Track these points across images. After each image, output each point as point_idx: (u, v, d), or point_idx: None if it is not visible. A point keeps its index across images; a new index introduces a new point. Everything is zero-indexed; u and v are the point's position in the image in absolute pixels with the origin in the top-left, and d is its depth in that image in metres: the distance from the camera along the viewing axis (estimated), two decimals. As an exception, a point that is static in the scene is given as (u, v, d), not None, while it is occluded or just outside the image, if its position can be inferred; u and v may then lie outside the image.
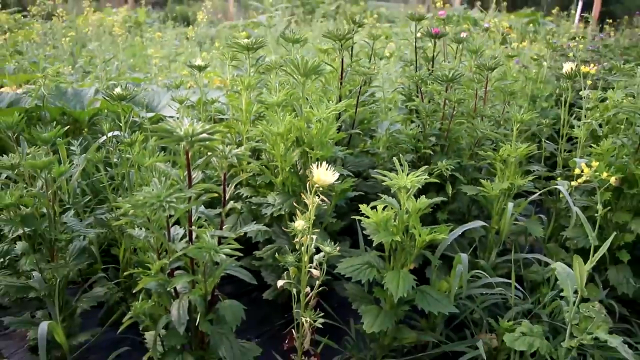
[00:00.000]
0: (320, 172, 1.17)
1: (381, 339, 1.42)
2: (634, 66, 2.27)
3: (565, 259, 1.76)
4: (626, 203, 1.72)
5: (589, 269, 1.18)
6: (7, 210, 1.30)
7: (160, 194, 1.00)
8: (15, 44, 3.94)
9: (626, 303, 1.69)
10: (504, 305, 1.62)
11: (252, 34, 5.87)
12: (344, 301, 1.50)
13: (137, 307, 1.19)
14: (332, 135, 1.51)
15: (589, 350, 1.39)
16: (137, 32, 7.15)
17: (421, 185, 1.25)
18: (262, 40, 1.68)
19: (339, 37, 1.77)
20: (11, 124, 1.33)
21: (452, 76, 1.74)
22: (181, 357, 1.20)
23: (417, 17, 2.10)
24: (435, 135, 1.86)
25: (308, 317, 1.27)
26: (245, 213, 1.65)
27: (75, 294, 1.51)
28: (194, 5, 12.28)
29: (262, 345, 1.36)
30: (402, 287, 1.25)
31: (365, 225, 1.33)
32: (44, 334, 1.25)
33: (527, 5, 10.28)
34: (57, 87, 2.60)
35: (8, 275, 1.40)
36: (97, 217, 1.63)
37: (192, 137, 1.02)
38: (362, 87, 1.82)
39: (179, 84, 2.07)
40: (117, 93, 1.53)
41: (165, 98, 2.68)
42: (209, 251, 1.06)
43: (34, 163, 1.28)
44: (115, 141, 1.68)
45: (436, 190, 1.80)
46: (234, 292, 1.82)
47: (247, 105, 1.68)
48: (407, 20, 2.26)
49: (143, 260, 1.23)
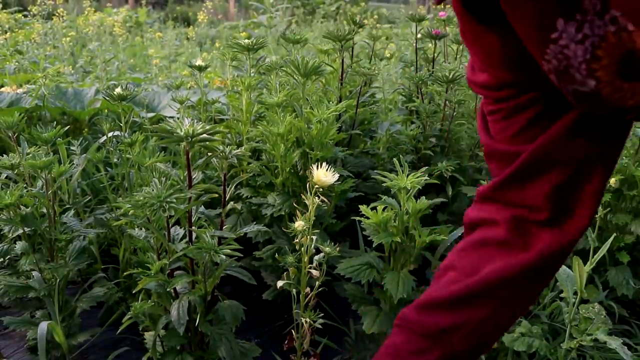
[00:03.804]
0: (320, 173, 1.17)
1: (381, 339, 1.42)
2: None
3: (565, 260, 1.76)
4: (626, 204, 1.72)
5: (589, 270, 1.18)
6: (7, 210, 1.30)
7: (160, 195, 1.01)
8: (16, 44, 3.94)
9: (626, 304, 1.69)
10: (503, 306, 1.62)
11: (252, 35, 5.88)
12: (343, 302, 1.50)
13: (137, 307, 1.19)
14: (332, 135, 1.51)
15: (588, 351, 1.39)
16: (137, 32, 7.16)
17: (421, 186, 1.25)
18: (263, 40, 1.68)
19: (339, 38, 1.77)
20: (11, 123, 1.33)
21: (452, 77, 1.74)
22: (181, 357, 1.20)
23: (418, 18, 2.10)
24: (436, 136, 1.86)
25: (308, 317, 1.27)
26: (245, 213, 1.65)
27: (75, 294, 1.51)
28: (194, 5, 12.29)
29: (262, 345, 1.36)
30: (402, 288, 1.25)
31: (365, 226, 1.33)
32: (44, 334, 1.25)
33: (527, 7, 10.27)
34: (57, 87, 2.60)
35: (8, 275, 1.40)
36: (97, 217, 1.63)
37: (193, 138, 1.02)
38: (363, 88, 1.82)
39: (179, 84, 2.07)
40: (117, 93, 1.53)
41: (166, 98, 2.67)
42: (209, 251, 1.06)
43: (34, 163, 1.28)
44: (116, 141, 1.68)
45: (436, 191, 1.80)
46: (234, 293, 1.81)
47: (248, 105, 1.68)
48: (407, 21, 2.26)
49: (143, 260, 1.23)
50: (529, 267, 0.75)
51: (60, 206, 1.43)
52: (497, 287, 0.75)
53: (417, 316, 0.79)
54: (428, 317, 0.78)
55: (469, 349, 0.77)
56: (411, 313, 0.80)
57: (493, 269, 0.75)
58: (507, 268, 0.75)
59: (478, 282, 0.76)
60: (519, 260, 0.75)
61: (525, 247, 0.75)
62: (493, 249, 0.77)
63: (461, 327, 0.76)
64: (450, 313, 0.76)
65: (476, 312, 0.76)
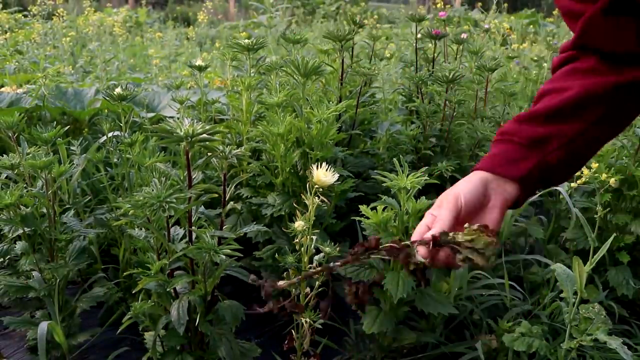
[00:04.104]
0: (320, 173, 1.17)
1: (381, 339, 1.42)
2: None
3: (565, 260, 1.76)
4: (626, 204, 1.72)
5: (589, 270, 1.18)
6: (7, 210, 1.30)
7: (160, 195, 1.01)
8: (16, 44, 3.94)
9: (626, 304, 1.69)
10: (503, 306, 1.62)
11: (252, 35, 5.88)
12: (343, 302, 1.49)
13: (137, 308, 1.19)
14: (332, 135, 1.51)
15: (588, 351, 1.39)
16: (137, 32, 7.16)
17: (421, 186, 1.25)
18: (263, 40, 1.68)
19: (339, 38, 1.77)
20: (11, 123, 1.33)
21: (452, 77, 1.74)
22: (181, 357, 1.20)
23: (418, 18, 2.10)
24: (436, 136, 1.86)
25: (308, 317, 1.27)
26: (245, 213, 1.65)
27: (75, 294, 1.51)
28: (194, 5, 12.29)
29: (262, 345, 1.36)
30: (402, 288, 1.25)
31: (365, 226, 1.33)
32: (44, 334, 1.25)
33: (527, 7, 10.28)
34: (57, 87, 2.60)
35: (8, 275, 1.40)
36: (97, 217, 1.63)
37: (193, 138, 1.02)
38: (363, 88, 1.82)
39: (179, 84, 2.07)
40: (117, 93, 1.53)
41: (166, 98, 2.67)
42: (209, 251, 1.06)
43: (34, 163, 1.28)
44: (116, 141, 1.68)
45: (436, 191, 1.80)
46: (234, 293, 1.81)
47: (248, 105, 1.68)
48: (407, 21, 2.26)
49: (143, 260, 1.23)
50: (620, 87, 0.81)
51: (60, 206, 1.43)
52: (590, 103, 0.82)
53: (517, 127, 0.85)
54: (526, 128, 0.84)
55: (562, 160, 0.82)
56: (511, 126, 0.86)
57: (587, 86, 0.82)
58: (601, 85, 0.81)
59: (571, 97, 0.82)
60: (612, 79, 0.81)
61: (618, 71, 0.81)
62: (587, 73, 0.83)
63: (554, 138, 0.82)
64: (545, 126, 0.83)
65: (568, 127, 0.82)
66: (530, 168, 0.81)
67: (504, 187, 0.82)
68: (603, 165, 1.57)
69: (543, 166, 0.82)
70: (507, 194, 0.81)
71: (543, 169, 0.82)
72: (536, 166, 0.81)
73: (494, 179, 0.82)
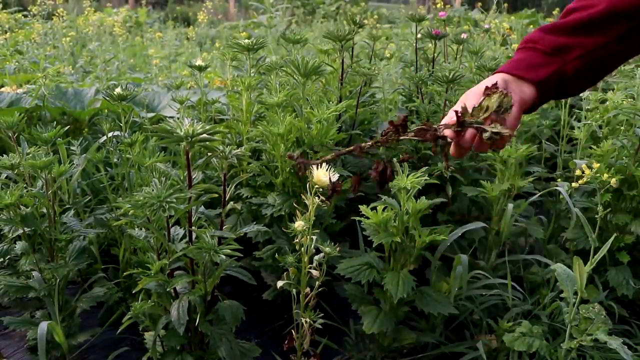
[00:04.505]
0: (320, 173, 1.17)
1: (381, 339, 1.42)
2: (634, 68, 2.27)
3: (565, 260, 1.76)
4: (626, 204, 1.72)
5: (589, 270, 1.18)
6: (7, 210, 1.30)
7: (160, 195, 1.01)
8: (16, 44, 3.94)
9: (626, 304, 1.69)
10: (503, 306, 1.62)
11: (252, 35, 5.87)
12: (343, 302, 1.50)
13: (137, 308, 1.19)
14: (332, 135, 1.51)
15: (588, 351, 1.39)
16: (137, 32, 7.15)
17: (421, 186, 1.25)
18: (263, 40, 1.68)
19: (339, 38, 1.77)
20: (11, 123, 1.33)
21: (452, 77, 1.74)
22: (180, 357, 1.20)
23: (418, 18, 2.10)
24: (436, 136, 1.86)
25: (308, 317, 1.27)
26: (245, 213, 1.65)
27: (75, 294, 1.51)
28: (194, 5, 12.29)
29: (262, 345, 1.36)
30: (402, 288, 1.25)
31: (365, 226, 1.33)
32: (44, 334, 1.25)
33: (527, 7, 10.28)
34: (57, 87, 2.60)
35: (8, 275, 1.40)
36: (97, 217, 1.63)
37: (193, 138, 1.02)
38: (363, 88, 1.82)
39: (179, 84, 2.07)
40: (117, 93, 1.53)
41: (166, 98, 2.67)
42: (209, 251, 1.06)
43: (34, 163, 1.28)
44: (116, 141, 1.68)
45: (436, 191, 1.80)
46: (234, 292, 1.81)
47: (248, 105, 1.68)
48: (407, 21, 2.26)
49: (143, 260, 1.23)
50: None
51: (60, 206, 1.43)
52: (615, 19, 0.87)
53: (541, 36, 0.90)
54: (550, 37, 0.89)
55: (579, 70, 0.87)
56: (536, 34, 0.91)
57: (614, 2, 0.86)
58: (628, 1, 0.85)
59: (598, 12, 0.87)
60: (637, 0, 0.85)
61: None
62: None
63: (575, 48, 0.87)
64: (569, 37, 0.88)
65: (591, 40, 0.87)
66: (550, 73, 0.87)
67: (522, 87, 0.87)
68: (603, 165, 1.57)
69: (561, 73, 0.87)
70: (525, 94, 0.86)
71: (560, 76, 0.87)
72: (555, 72, 0.87)
73: (514, 80, 0.87)
